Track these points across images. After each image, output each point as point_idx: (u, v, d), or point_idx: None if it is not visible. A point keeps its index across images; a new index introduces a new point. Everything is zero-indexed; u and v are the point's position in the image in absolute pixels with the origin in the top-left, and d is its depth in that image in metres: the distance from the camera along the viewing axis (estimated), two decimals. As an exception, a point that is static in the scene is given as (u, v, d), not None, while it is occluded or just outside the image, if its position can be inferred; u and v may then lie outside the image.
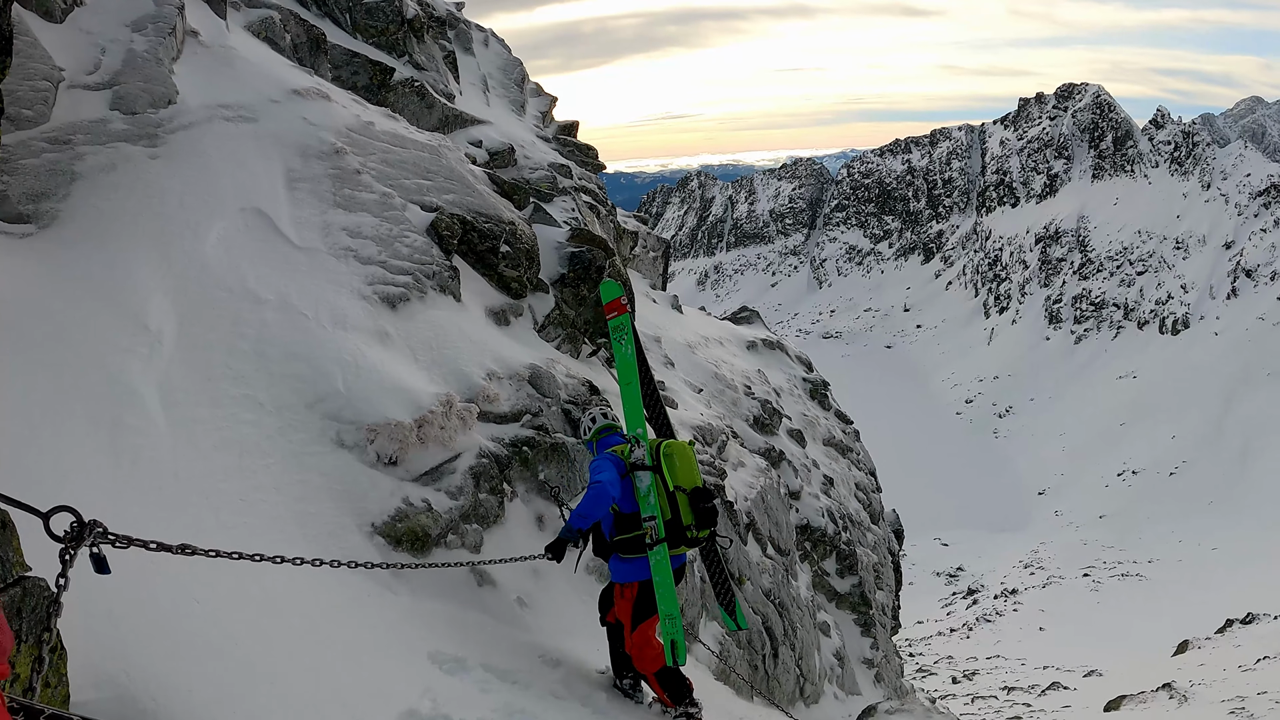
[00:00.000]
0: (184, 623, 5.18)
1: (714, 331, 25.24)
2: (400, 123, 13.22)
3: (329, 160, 10.78)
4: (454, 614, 7.64)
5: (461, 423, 9.06)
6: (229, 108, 10.70)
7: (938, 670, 52.62)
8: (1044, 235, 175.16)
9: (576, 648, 8.69)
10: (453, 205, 11.68)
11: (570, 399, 10.99)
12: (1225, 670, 37.23)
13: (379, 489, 8.07)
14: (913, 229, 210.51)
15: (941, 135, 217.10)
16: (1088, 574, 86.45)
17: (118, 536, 4.02)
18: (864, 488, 25.32)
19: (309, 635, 5.94)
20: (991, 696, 42.92)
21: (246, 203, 9.67)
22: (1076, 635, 60.96)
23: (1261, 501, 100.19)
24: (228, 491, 6.90)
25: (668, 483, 7.87)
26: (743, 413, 20.22)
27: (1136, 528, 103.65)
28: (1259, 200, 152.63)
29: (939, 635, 69.11)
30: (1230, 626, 48.50)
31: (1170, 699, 32.95)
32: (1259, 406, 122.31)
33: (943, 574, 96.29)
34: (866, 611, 21.82)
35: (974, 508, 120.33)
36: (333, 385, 8.38)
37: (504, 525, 9.25)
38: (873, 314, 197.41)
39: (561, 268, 13.84)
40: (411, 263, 10.31)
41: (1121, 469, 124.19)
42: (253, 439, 7.57)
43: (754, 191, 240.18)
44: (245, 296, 8.68)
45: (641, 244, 26.00)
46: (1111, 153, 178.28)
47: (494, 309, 11.72)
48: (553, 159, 18.96)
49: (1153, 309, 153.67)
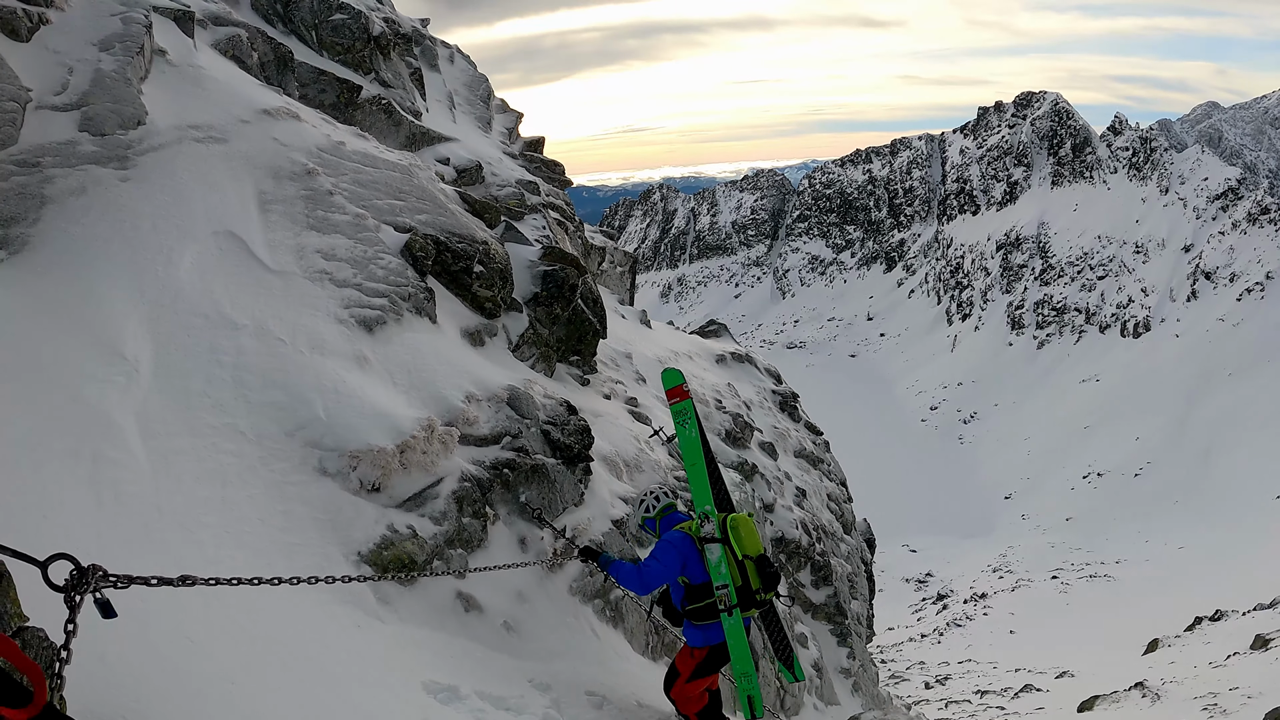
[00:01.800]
0: (179, 662, 5.07)
1: (683, 346, 25.20)
2: (370, 142, 13.14)
3: (301, 181, 10.70)
4: (443, 641, 7.56)
5: (443, 446, 8.96)
6: (199, 128, 10.59)
7: (910, 676, 52.62)
8: (1005, 242, 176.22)
9: (565, 670, 8.64)
10: (426, 226, 11.58)
11: (549, 420, 10.89)
12: (1196, 667, 37.40)
13: (363, 517, 7.96)
14: (874, 238, 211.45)
15: (902, 145, 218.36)
16: (1056, 576, 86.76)
17: (119, 577, 3.93)
18: (836, 498, 25.31)
19: (304, 669, 5.84)
20: (965, 700, 42.90)
21: (219, 226, 9.56)
22: (1047, 637, 61.10)
23: (1226, 500, 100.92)
24: (212, 525, 6.78)
25: (736, 552, 8.29)
26: (715, 427, 20.17)
27: (1103, 529, 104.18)
28: (1217, 203, 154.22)
29: (910, 641, 69.17)
30: (1200, 624, 48.74)
31: (1143, 698, 33.05)
32: (1221, 406, 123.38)
33: (912, 580, 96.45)
34: (842, 622, 21.80)
35: (941, 513, 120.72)
36: (313, 412, 8.26)
37: (487, 549, 9.14)
38: (836, 323, 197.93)
39: (535, 286, 13.74)
40: (387, 285, 10.22)
41: (1087, 471, 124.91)
42: (234, 469, 7.46)
43: (716, 203, 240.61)
44: (221, 323, 8.57)
45: (609, 259, 25.96)
46: (1070, 159, 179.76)
47: (469, 330, 11.62)
48: (520, 175, 18.91)
49: (1114, 313, 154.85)
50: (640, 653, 11.07)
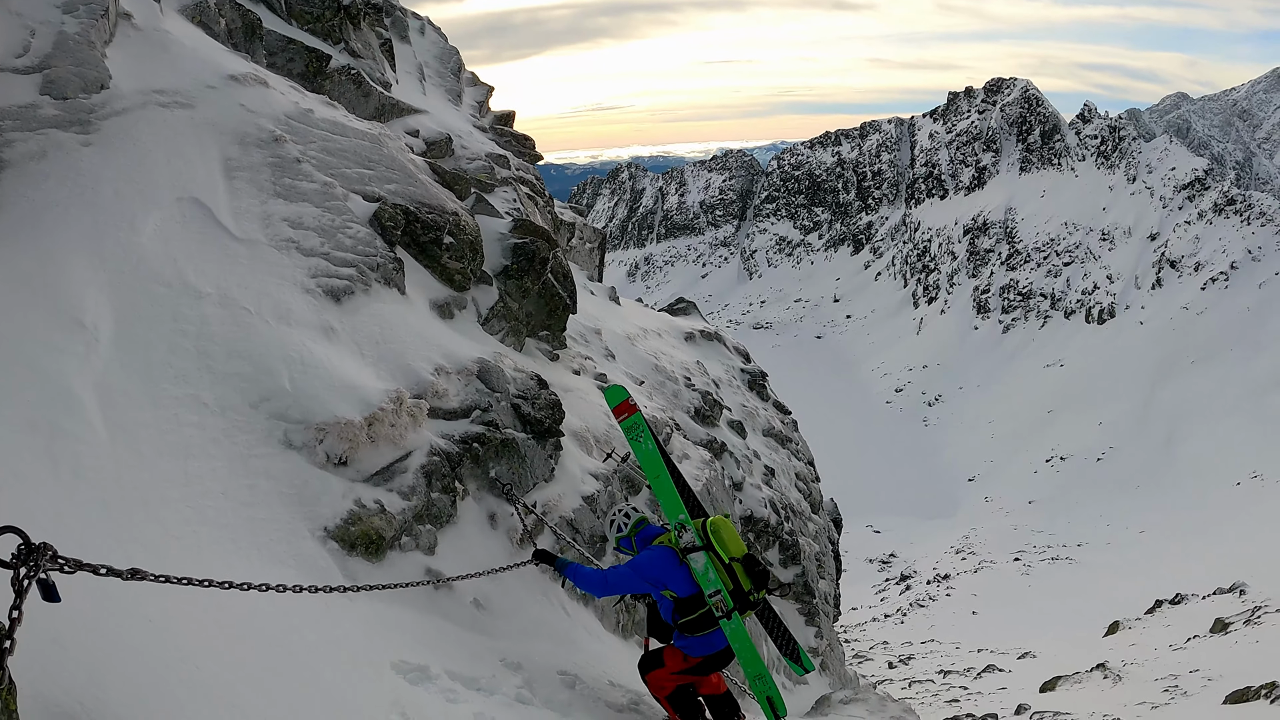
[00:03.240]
0: (137, 644, 4.86)
1: (652, 323, 25.07)
2: (339, 110, 12.91)
3: (268, 148, 10.47)
4: (413, 620, 7.40)
5: (412, 420, 8.79)
6: (164, 93, 10.35)
7: (874, 656, 52.84)
8: (972, 227, 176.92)
9: (536, 649, 8.51)
10: (395, 195, 11.38)
11: (520, 393, 10.74)
12: (1157, 649, 37.74)
13: (330, 491, 7.79)
14: (842, 220, 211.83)
15: (871, 128, 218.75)
16: (1018, 558, 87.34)
17: (66, 560, 3.74)
18: (804, 477, 25.28)
19: (269, 651, 5.66)
20: (928, 680, 43.11)
21: (184, 192, 9.34)
22: (1009, 618, 61.49)
23: (1187, 485, 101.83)
24: (174, 499, 6.59)
25: (722, 556, 8.01)
26: (684, 405, 20.07)
27: (1065, 512, 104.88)
28: (1183, 193, 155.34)
29: (874, 621, 69.49)
30: (1160, 607, 49.17)
31: (1105, 679, 33.31)
32: (1183, 393, 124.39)
33: (875, 561, 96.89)
34: (810, 601, 21.76)
35: (905, 495, 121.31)
36: (278, 383, 8.07)
37: (457, 525, 9.00)
38: (803, 304, 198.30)
39: (505, 259, 13.54)
40: (355, 254, 10.01)
41: (1050, 455, 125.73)
42: (197, 442, 7.26)
43: (684, 183, 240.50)
44: (185, 291, 8.35)
45: (578, 235, 25.79)
46: (1039, 146, 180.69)
47: (438, 302, 11.42)
48: (490, 149, 18.68)
49: (1079, 299, 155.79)
50: (612, 631, 10.97)
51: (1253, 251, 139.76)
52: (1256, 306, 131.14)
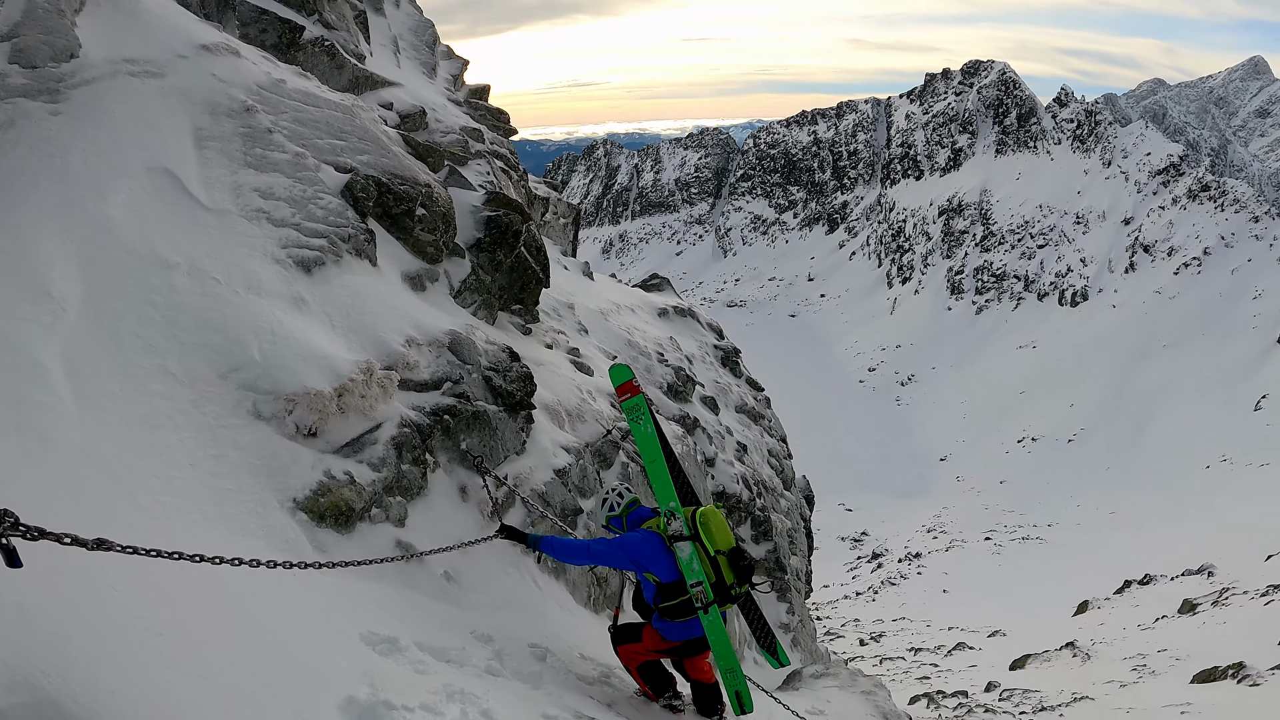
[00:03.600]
0: (103, 613, 4.81)
1: (625, 299, 25.02)
2: (312, 81, 12.79)
3: (239, 118, 10.37)
4: (382, 592, 7.38)
5: (382, 391, 8.75)
6: (134, 63, 10.23)
7: (845, 633, 53.19)
8: (947, 208, 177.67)
9: (507, 622, 8.52)
10: (367, 166, 11.30)
11: (491, 366, 10.71)
12: (1125, 629, 38.13)
13: (299, 462, 7.74)
14: (817, 200, 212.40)
15: (848, 108, 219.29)
16: (989, 538, 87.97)
17: (29, 528, 3.71)
18: (776, 454, 25.30)
19: (237, 622, 5.62)
20: (899, 658, 43.44)
21: (153, 162, 9.23)
22: (980, 597, 61.98)
23: (1156, 468, 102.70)
24: (141, 470, 6.53)
25: (708, 548, 8.04)
26: (657, 380, 20.06)
27: (1036, 493, 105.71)
28: (1158, 179, 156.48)
29: (845, 599, 69.90)
30: (1129, 587, 49.66)
31: (1074, 657, 33.66)
32: (1154, 377, 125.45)
33: (847, 539, 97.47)
34: (782, 577, 21.80)
35: (877, 474, 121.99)
36: (248, 354, 8.00)
37: (427, 497, 8.97)
38: (777, 283, 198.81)
39: (478, 232, 13.48)
40: (326, 225, 9.94)
41: (1021, 436, 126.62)
42: (165, 412, 7.19)
43: (660, 160, 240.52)
44: (154, 261, 8.27)
45: (552, 210, 25.70)
46: (1015, 129, 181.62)
47: (410, 274, 11.36)
48: (465, 123, 18.57)
49: (1053, 281, 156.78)
50: (583, 604, 10.97)
51: (1226, 238, 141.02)
52: (1229, 292, 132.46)
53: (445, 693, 6.16)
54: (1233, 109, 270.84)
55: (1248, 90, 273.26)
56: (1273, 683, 21.86)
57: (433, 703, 5.91)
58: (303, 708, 5.15)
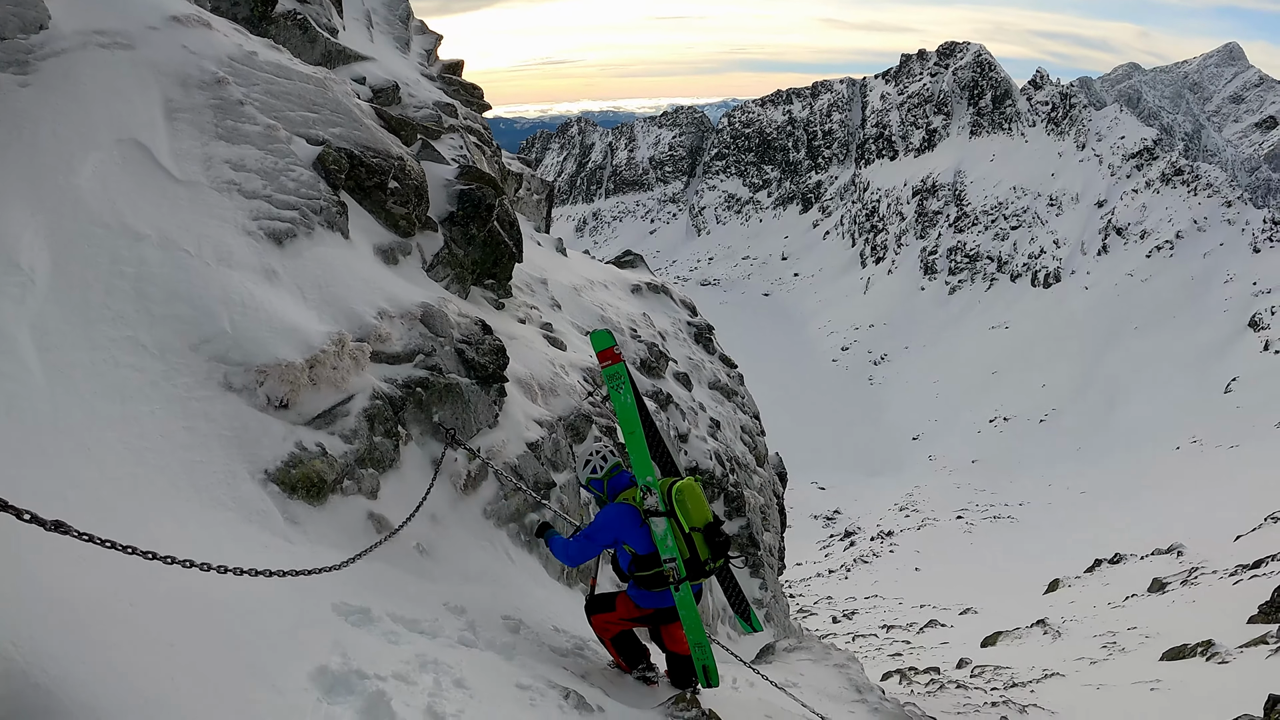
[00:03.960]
0: (72, 586, 4.76)
1: (599, 275, 25.03)
2: (284, 54, 12.69)
3: (210, 90, 10.28)
4: (354, 564, 7.37)
5: (354, 363, 8.72)
6: (104, 34, 10.12)
7: (818, 610, 53.46)
8: (921, 188, 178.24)
9: (480, 594, 8.52)
10: (339, 139, 11.25)
11: (464, 338, 10.69)
12: (1095, 607, 38.37)
13: (271, 434, 7.71)
14: (792, 179, 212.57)
15: (823, 87, 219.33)
16: (961, 516, 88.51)
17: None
18: (749, 431, 25.38)
19: (208, 594, 5.59)
20: (872, 635, 43.72)
21: (123, 134, 9.15)
22: (951, 575, 62.30)
23: (1127, 448, 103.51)
24: (111, 441, 6.49)
25: (683, 525, 7.99)
26: (630, 355, 20.08)
27: (1008, 472, 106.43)
28: (1131, 162, 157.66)
29: (818, 576, 70.22)
30: (1099, 566, 49.96)
31: (1044, 634, 33.90)
32: (1126, 358, 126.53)
33: (820, 517, 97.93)
34: (755, 553, 21.90)
35: (850, 452, 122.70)
36: (218, 325, 7.96)
37: (400, 470, 8.97)
38: (751, 262, 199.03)
39: (450, 206, 13.45)
40: (298, 197, 9.89)
41: (994, 415, 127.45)
42: (135, 384, 7.15)
43: (634, 138, 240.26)
44: (123, 232, 8.20)
45: (525, 186, 25.66)
46: (990, 111, 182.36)
47: (382, 247, 11.32)
48: (438, 97, 18.52)
49: (1026, 263, 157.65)
50: (555, 578, 11.00)
51: (1198, 222, 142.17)
52: (1200, 276, 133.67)
53: (418, 662, 6.15)
54: (1207, 94, 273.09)
55: (1222, 76, 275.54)
56: (1241, 660, 22.05)
57: (405, 672, 5.90)
58: (274, 677, 5.13)
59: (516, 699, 6.51)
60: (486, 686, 6.32)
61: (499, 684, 6.58)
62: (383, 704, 5.28)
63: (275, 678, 5.13)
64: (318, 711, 5.02)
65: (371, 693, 5.35)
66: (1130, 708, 20.37)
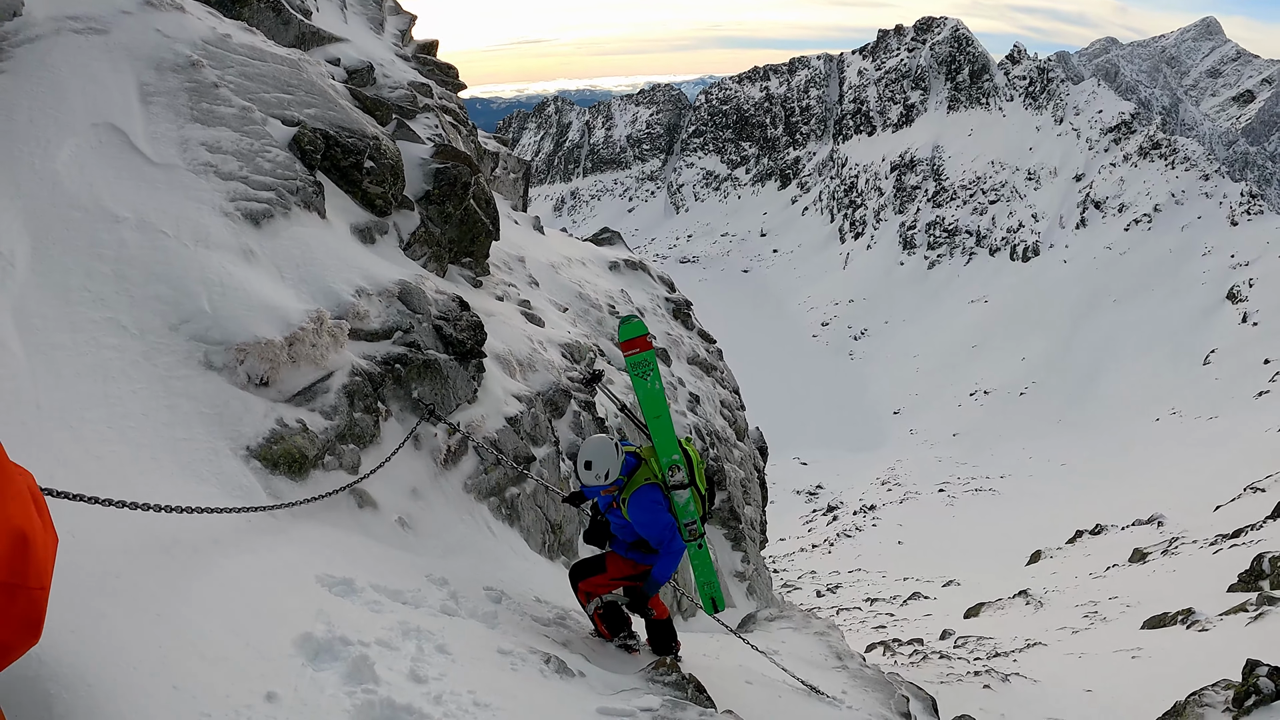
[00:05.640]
0: (60, 558, 4.89)
1: (576, 252, 25.11)
2: (258, 36, 12.76)
3: (185, 73, 10.35)
4: (337, 537, 7.46)
5: (333, 340, 8.82)
6: (78, 19, 10.18)
7: (802, 585, 53.74)
8: (899, 164, 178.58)
9: (462, 566, 8.64)
10: (315, 120, 11.31)
11: (441, 315, 10.79)
12: (1077, 577, 38.72)
13: (252, 411, 7.81)
14: (770, 155, 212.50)
15: (800, 64, 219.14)
16: (943, 489, 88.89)
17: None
18: (729, 405, 25.50)
19: (193, 565, 5.67)
20: (855, 608, 44.02)
21: (99, 118, 9.22)
22: (934, 548, 62.67)
23: (1106, 420, 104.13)
24: (94, 420, 6.57)
25: (701, 488, 8.55)
26: (608, 331, 20.17)
27: (989, 445, 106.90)
28: (1109, 136, 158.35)
29: (801, 551, 70.55)
30: (1080, 537, 50.35)
31: (1027, 604, 34.21)
32: (1105, 331, 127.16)
33: (803, 492, 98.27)
34: (736, 526, 22.06)
35: (832, 427, 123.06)
36: (198, 305, 8.04)
37: (381, 445, 9.08)
38: (730, 239, 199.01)
39: (426, 185, 13.53)
40: (274, 178, 9.96)
41: (974, 389, 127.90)
42: (117, 364, 7.22)
43: (611, 117, 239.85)
44: (102, 216, 8.28)
45: (502, 165, 25.69)
46: (968, 85, 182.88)
47: (359, 226, 11.40)
48: (413, 78, 18.52)
49: (1004, 237, 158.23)
50: (537, 550, 11.13)
51: (1176, 195, 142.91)
52: (1178, 249, 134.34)
53: (401, 630, 6.26)
54: (1184, 68, 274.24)
55: (1199, 50, 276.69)
56: (1220, 628, 22.33)
57: (389, 639, 6.01)
58: (259, 643, 5.24)
59: (498, 664, 6.62)
60: (468, 652, 6.43)
61: (481, 650, 6.69)
62: (366, 668, 5.39)
63: (260, 644, 5.23)
64: (303, 675, 5.13)
65: (355, 657, 5.46)
66: (1112, 675, 20.63)
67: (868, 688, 12.28)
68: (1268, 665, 13.17)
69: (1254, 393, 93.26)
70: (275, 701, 4.69)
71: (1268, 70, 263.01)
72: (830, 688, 11.22)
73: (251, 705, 4.56)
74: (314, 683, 5.12)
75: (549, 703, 6.22)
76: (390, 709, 5.14)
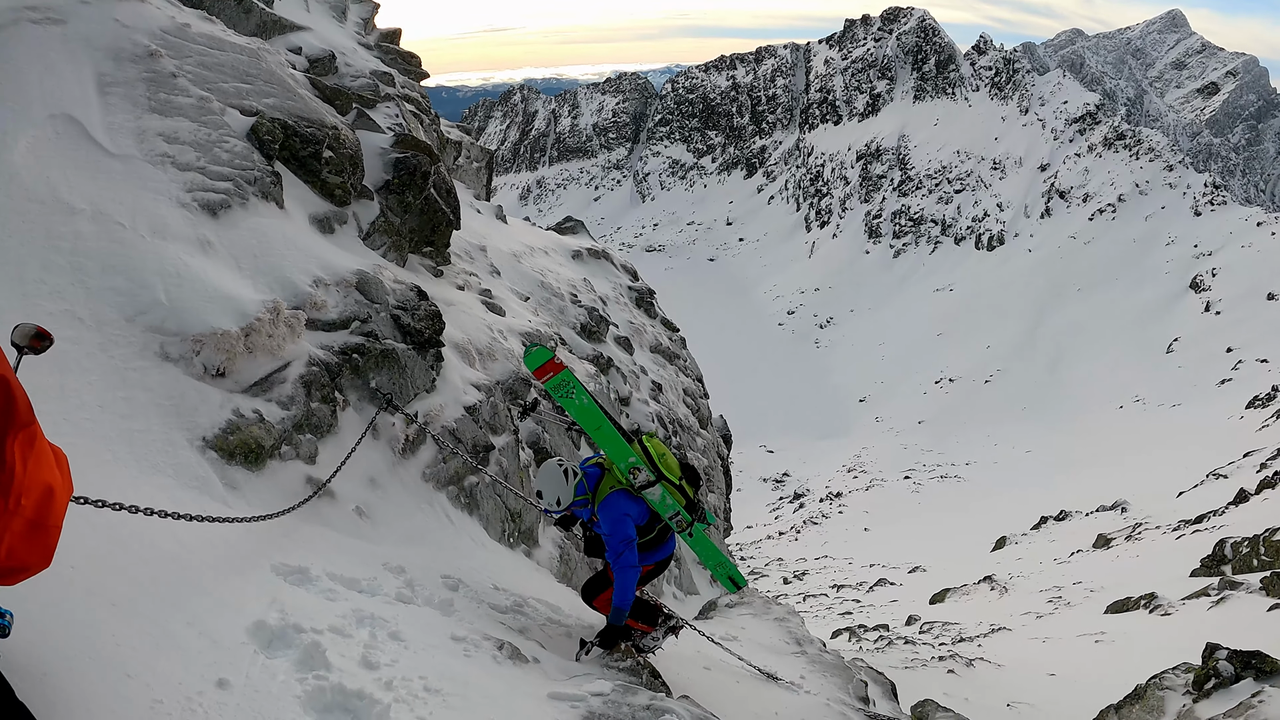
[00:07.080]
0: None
1: (539, 241, 25.13)
2: (217, 25, 12.71)
3: (143, 63, 10.33)
4: (293, 526, 7.48)
5: (290, 330, 8.84)
6: (36, 9, 10.13)
7: (769, 572, 53.95)
8: (865, 153, 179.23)
9: (419, 555, 8.66)
10: (273, 110, 11.31)
11: (399, 305, 10.81)
12: (1041, 563, 39.16)
13: (208, 402, 7.82)
14: (736, 144, 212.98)
15: (767, 53, 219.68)
16: (908, 476, 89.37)
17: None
18: (691, 393, 25.59)
19: (148, 556, 5.73)
20: (822, 594, 44.26)
21: (56, 109, 9.20)
22: (900, 534, 63.03)
23: (1070, 408, 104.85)
24: (50, 413, 6.54)
25: (673, 480, 8.46)
26: (570, 320, 20.23)
27: (954, 432, 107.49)
28: (1074, 126, 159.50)
29: (768, 539, 70.85)
30: (1045, 523, 50.85)
31: (992, 590, 34.57)
32: (1069, 319, 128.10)
33: (769, 480, 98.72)
34: (698, 514, 22.18)
35: (798, 415, 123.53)
36: (154, 296, 8.05)
37: (338, 435, 9.09)
38: (695, 227, 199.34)
39: (386, 174, 13.54)
40: (232, 169, 9.96)
41: (939, 377, 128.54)
42: (73, 356, 7.22)
43: (577, 105, 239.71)
44: (58, 207, 8.27)
45: (465, 154, 25.67)
46: (934, 75, 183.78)
47: (318, 216, 11.40)
48: (375, 67, 18.50)
49: (969, 226, 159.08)
50: (496, 539, 11.16)
51: (1140, 185, 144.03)
52: (1142, 239, 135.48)
53: (355, 617, 6.32)
54: (1149, 60, 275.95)
55: (1165, 42, 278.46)
56: (1183, 612, 22.66)
57: (342, 626, 6.07)
58: (213, 631, 5.29)
59: (450, 650, 6.67)
60: (422, 639, 6.49)
61: (434, 636, 6.75)
62: (318, 655, 5.46)
63: (214, 632, 5.29)
64: (255, 662, 5.19)
65: (307, 644, 5.53)
66: (1075, 659, 20.92)
67: (826, 673, 12.39)
68: (1228, 649, 13.40)
69: (1216, 381, 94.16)
70: (227, 688, 4.75)
71: (1232, 63, 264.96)
72: (788, 673, 11.35)
73: (203, 692, 4.61)
74: (266, 670, 5.18)
75: (500, 688, 6.27)
76: (341, 695, 5.21)
